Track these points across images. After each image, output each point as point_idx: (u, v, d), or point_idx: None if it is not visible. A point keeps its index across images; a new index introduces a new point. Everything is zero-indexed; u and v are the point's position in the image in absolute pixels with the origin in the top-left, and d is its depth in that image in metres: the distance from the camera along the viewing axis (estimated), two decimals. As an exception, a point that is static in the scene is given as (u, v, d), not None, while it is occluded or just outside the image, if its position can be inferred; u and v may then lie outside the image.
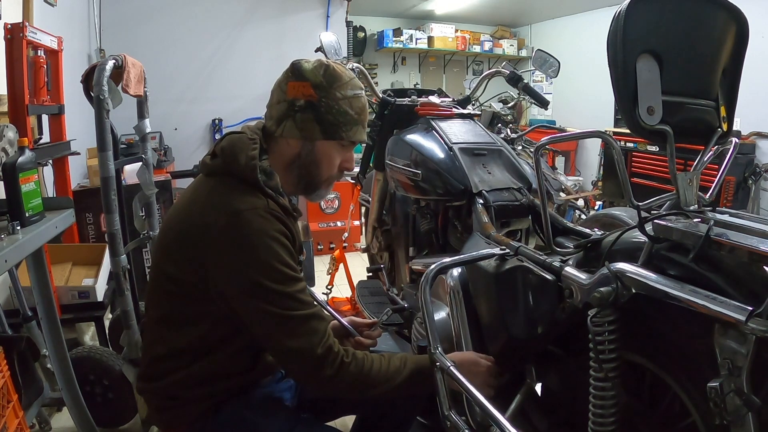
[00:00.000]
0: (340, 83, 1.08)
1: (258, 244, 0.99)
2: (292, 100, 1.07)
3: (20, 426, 1.23)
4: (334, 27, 5.08)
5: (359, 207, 2.84)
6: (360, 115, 1.12)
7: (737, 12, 0.84)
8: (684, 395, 0.78)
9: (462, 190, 1.51)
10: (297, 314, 1.00)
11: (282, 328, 1.00)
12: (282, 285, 0.99)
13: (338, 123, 1.09)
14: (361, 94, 1.12)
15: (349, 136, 1.11)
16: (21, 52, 1.93)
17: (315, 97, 1.07)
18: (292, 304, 1.00)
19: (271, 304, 0.99)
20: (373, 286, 2.24)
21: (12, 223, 1.23)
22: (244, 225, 0.99)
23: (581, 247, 0.94)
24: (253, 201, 1.02)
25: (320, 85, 1.07)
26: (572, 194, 4.14)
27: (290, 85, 1.08)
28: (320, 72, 1.08)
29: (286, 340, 1.00)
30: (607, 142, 0.86)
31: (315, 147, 1.10)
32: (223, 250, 0.99)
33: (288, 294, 1.00)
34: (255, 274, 0.98)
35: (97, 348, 1.85)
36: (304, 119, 1.07)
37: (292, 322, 1.00)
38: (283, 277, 1.00)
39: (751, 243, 0.65)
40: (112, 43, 4.17)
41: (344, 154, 1.15)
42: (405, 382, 1.07)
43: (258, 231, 0.99)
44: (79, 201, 2.59)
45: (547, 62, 2.17)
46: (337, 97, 1.08)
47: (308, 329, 1.01)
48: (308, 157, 1.11)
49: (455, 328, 1.19)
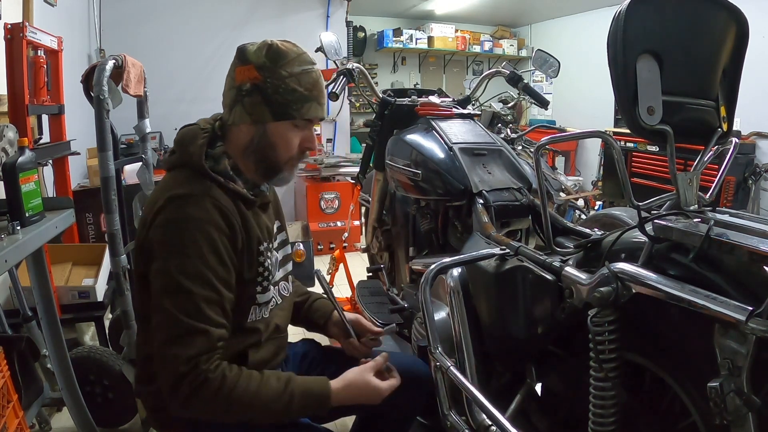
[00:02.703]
0: (285, 61, 1.03)
1: (183, 231, 0.95)
2: (239, 85, 1.04)
3: (20, 426, 1.23)
4: (334, 27, 5.08)
5: (359, 207, 2.83)
6: (312, 90, 1.06)
7: (737, 12, 0.84)
8: (684, 395, 0.78)
9: (462, 190, 1.51)
10: (186, 321, 0.92)
11: (165, 327, 0.93)
12: (188, 280, 0.93)
13: (287, 102, 1.04)
14: (310, 69, 1.06)
15: (302, 113, 1.05)
16: (21, 52, 1.93)
17: (259, 78, 1.03)
18: (187, 307, 0.92)
19: (168, 296, 0.93)
20: (373, 286, 2.23)
21: (12, 223, 1.23)
22: (174, 209, 0.97)
23: (581, 247, 0.94)
24: (194, 187, 0.99)
25: (263, 66, 1.03)
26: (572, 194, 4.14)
27: (237, 70, 1.05)
28: (263, 52, 1.03)
29: (163, 342, 0.93)
30: (607, 142, 0.87)
31: (267, 130, 1.06)
32: (155, 233, 0.97)
33: (189, 294, 0.93)
34: (168, 259, 0.94)
35: (97, 348, 1.85)
36: (252, 103, 1.04)
37: (177, 326, 0.92)
38: (195, 273, 0.94)
39: (751, 243, 0.65)
40: (112, 43, 4.17)
41: (302, 133, 1.09)
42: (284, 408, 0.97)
43: (186, 218, 0.96)
44: (79, 201, 2.59)
45: (547, 62, 2.17)
46: (283, 76, 1.03)
47: (188, 342, 0.91)
48: (262, 141, 1.07)
49: (455, 328, 1.19)
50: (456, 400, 1.07)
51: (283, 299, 1.20)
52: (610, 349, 0.78)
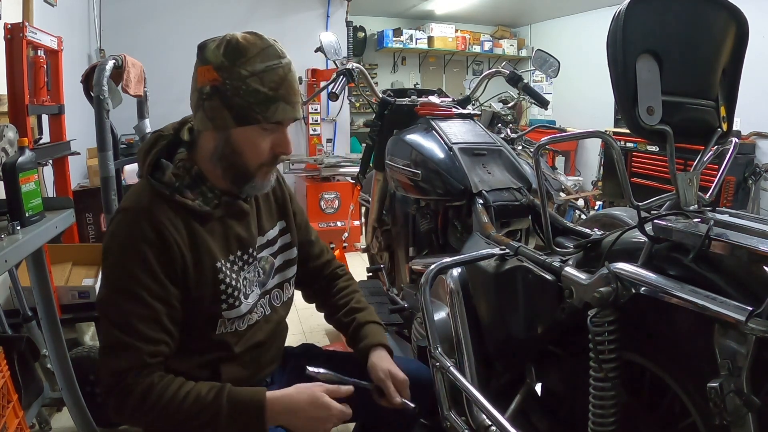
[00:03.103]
0: (245, 58, 0.93)
1: (115, 245, 0.95)
2: (200, 88, 0.96)
3: (20, 426, 1.23)
4: (334, 27, 5.08)
5: (359, 207, 2.84)
6: (277, 89, 0.95)
7: (737, 12, 0.84)
8: (684, 395, 0.78)
9: (462, 190, 1.51)
10: (116, 334, 0.91)
11: (102, 336, 0.95)
12: (120, 296, 0.92)
13: (249, 105, 0.94)
14: (275, 65, 0.95)
15: (268, 117, 0.95)
16: (21, 52, 1.93)
17: (219, 80, 0.93)
18: (118, 321, 0.91)
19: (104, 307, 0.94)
20: (373, 286, 2.23)
21: (12, 223, 1.23)
22: (114, 224, 0.97)
23: (581, 247, 0.94)
24: (135, 201, 0.97)
25: (222, 66, 0.93)
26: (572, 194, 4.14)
27: (198, 71, 0.97)
28: (221, 50, 0.94)
29: (100, 349, 0.95)
30: (607, 142, 0.87)
31: (231, 136, 0.97)
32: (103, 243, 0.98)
33: (120, 308, 0.92)
34: (105, 272, 0.96)
35: (97, 348, 1.85)
36: (212, 107, 0.95)
37: (108, 337, 0.93)
38: (125, 288, 0.92)
39: (751, 243, 0.65)
40: (112, 43, 4.17)
41: (272, 137, 1.00)
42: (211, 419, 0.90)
43: (121, 233, 0.95)
44: (79, 201, 2.59)
45: (547, 62, 2.17)
46: (243, 76, 0.93)
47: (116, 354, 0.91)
48: (226, 148, 0.98)
49: (455, 328, 1.19)
50: (456, 400, 1.07)
51: (272, 310, 1.13)
52: (609, 349, 0.78)
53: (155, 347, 0.93)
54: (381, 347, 1.14)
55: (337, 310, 1.24)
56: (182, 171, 1.00)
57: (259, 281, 1.10)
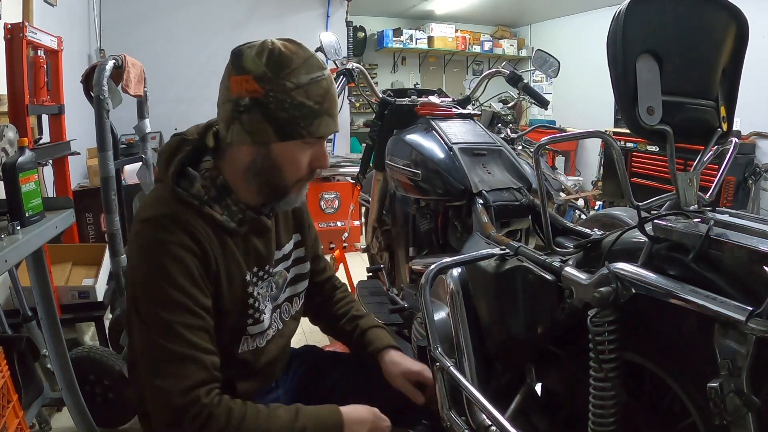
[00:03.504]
0: (290, 69, 0.88)
1: (151, 259, 0.87)
2: (236, 98, 0.90)
3: (20, 426, 1.23)
4: (334, 27, 5.08)
5: (359, 207, 2.84)
6: (322, 103, 0.91)
7: (737, 12, 0.84)
8: (684, 395, 0.78)
9: (462, 190, 1.51)
10: (170, 348, 0.85)
11: (149, 359, 0.87)
12: (164, 311, 0.86)
13: (293, 119, 0.90)
14: (320, 77, 0.91)
15: (312, 131, 0.92)
16: (21, 52, 1.93)
17: (260, 92, 0.88)
18: (167, 335, 0.85)
19: (148, 328, 0.87)
20: (373, 286, 2.23)
21: (12, 223, 1.23)
22: (144, 236, 0.89)
23: (581, 247, 0.94)
24: (162, 209, 0.90)
25: (264, 77, 0.88)
26: (572, 194, 4.14)
27: (232, 80, 0.91)
28: (263, 59, 0.88)
29: (151, 375, 0.86)
30: (607, 142, 0.86)
31: (271, 151, 0.93)
32: (129, 260, 0.93)
33: (166, 322, 0.86)
34: (143, 292, 0.88)
35: (97, 348, 1.85)
36: (252, 121, 0.90)
37: (159, 355, 0.85)
38: (168, 300, 0.86)
39: (751, 243, 0.65)
40: (112, 43, 4.17)
41: (312, 151, 0.97)
42: None
43: (154, 243, 0.88)
44: (79, 201, 2.59)
45: (547, 62, 2.17)
46: (288, 88, 0.88)
47: (175, 371, 0.85)
48: (265, 163, 0.94)
49: (455, 328, 1.19)
50: (456, 400, 1.07)
51: (284, 324, 1.12)
52: (609, 349, 0.78)
53: (213, 358, 0.89)
54: (391, 349, 1.17)
55: (338, 320, 1.24)
56: (209, 181, 0.95)
57: (270, 296, 1.08)
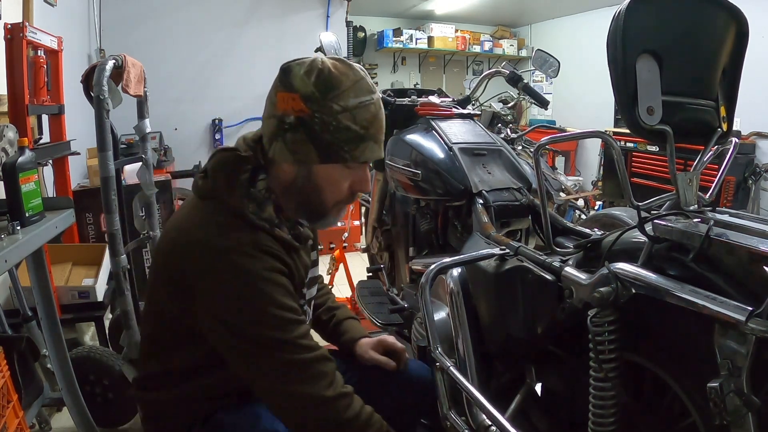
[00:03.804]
0: (338, 91, 0.88)
1: (249, 288, 0.87)
2: (281, 115, 0.90)
3: (20, 426, 1.23)
4: (334, 27, 5.08)
5: (359, 207, 2.84)
6: (368, 128, 0.90)
7: (737, 12, 0.84)
8: (684, 395, 0.78)
9: (462, 190, 1.51)
10: (300, 358, 0.89)
11: (284, 374, 0.89)
12: (281, 332, 0.88)
13: (338, 142, 0.89)
14: (368, 101, 0.90)
15: (355, 156, 0.91)
16: (21, 52, 1.93)
17: (307, 112, 0.87)
18: (294, 350, 0.89)
19: (269, 353, 0.88)
20: (373, 286, 2.23)
21: (12, 223, 1.23)
22: (230, 268, 0.87)
23: (581, 247, 0.94)
24: (240, 237, 0.89)
25: (311, 97, 0.87)
26: (572, 194, 4.14)
27: (279, 96, 0.90)
28: (311, 79, 0.88)
29: (289, 386, 0.89)
30: (607, 142, 0.87)
31: (312, 172, 0.93)
32: (212, 293, 0.88)
33: (288, 340, 0.89)
34: (246, 321, 0.87)
35: (97, 348, 1.85)
36: (295, 140, 0.89)
37: (297, 368, 0.89)
38: (281, 322, 0.88)
39: (751, 243, 0.65)
40: (112, 43, 4.17)
41: (353, 175, 0.96)
42: None
43: (247, 273, 0.87)
44: (79, 201, 2.59)
45: (547, 62, 2.17)
46: (335, 111, 0.88)
47: (316, 373, 0.90)
48: (306, 184, 0.94)
49: (455, 328, 1.19)
50: (456, 400, 1.07)
51: None
52: (609, 349, 0.78)
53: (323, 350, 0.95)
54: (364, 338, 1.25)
55: (316, 308, 1.29)
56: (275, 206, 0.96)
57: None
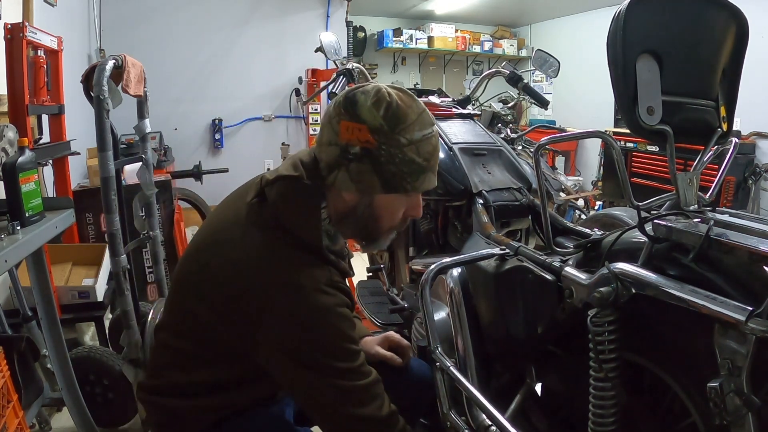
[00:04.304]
0: (405, 125, 0.90)
1: (323, 324, 0.91)
2: (345, 144, 0.91)
3: (20, 426, 1.23)
4: (334, 27, 5.08)
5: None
6: (429, 160, 0.94)
7: (737, 12, 0.84)
8: (684, 395, 0.78)
9: (462, 190, 1.51)
10: (362, 384, 0.96)
11: (347, 399, 0.95)
12: (347, 362, 0.94)
13: (402, 174, 0.92)
14: (430, 134, 0.94)
15: (416, 187, 0.94)
16: (21, 52, 1.93)
17: (373, 143, 0.89)
18: (356, 377, 0.95)
19: (335, 380, 0.93)
20: (373, 286, 2.23)
21: (12, 223, 1.23)
22: (307, 304, 0.90)
23: (581, 247, 0.94)
24: (316, 273, 0.93)
25: (380, 130, 0.89)
26: (572, 194, 4.14)
27: (343, 125, 0.91)
28: (380, 112, 0.89)
29: (351, 409, 0.95)
30: (607, 142, 0.86)
31: (374, 201, 0.96)
32: (283, 326, 0.90)
33: (353, 369, 0.95)
34: (318, 354, 0.92)
35: (97, 348, 1.85)
36: (360, 171, 0.91)
37: (358, 393, 0.95)
38: (348, 353, 0.95)
39: (751, 243, 0.65)
40: (112, 43, 4.17)
41: (408, 202, 1.00)
42: None
43: (323, 310, 0.91)
44: (79, 201, 2.59)
45: (547, 62, 2.17)
46: (401, 144, 0.90)
47: (373, 395, 0.97)
48: (366, 212, 0.97)
49: (455, 328, 1.19)
50: (456, 400, 1.07)
51: None
52: (609, 349, 0.78)
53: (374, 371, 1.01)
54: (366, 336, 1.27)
55: None
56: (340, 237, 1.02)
57: None
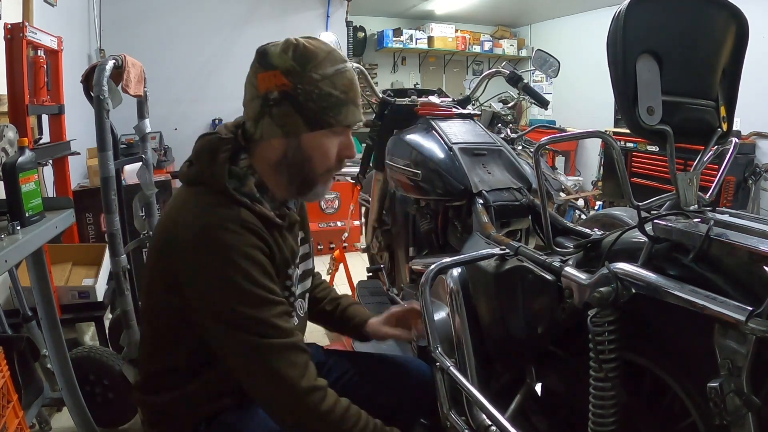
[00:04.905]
0: (316, 62, 0.93)
1: (227, 263, 0.89)
2: (264, 94, 0.94)
3: (20, 426, 1.23)
4: (334, 27, 5.09)
5: (359, 207, 2.84)
6: (348, 92, 0.96)
7: (737, 12, 0.84)
8: (684, 395, 0.78)
9: (462, 190, 1.51)
10: (273, 343, 0.90)
11: (256, 358, 0.90)
12: (255, 309, 0.90)
13: (322, 109, 0.94)
14: (344, 68, 0.96)
15: (340, 120, 0.96)
16: (21, 52, 1.93)
17: (289, 85, 0.92)
18: (266, 331, 0.90)
19: (243, 331, 0.89)
20: (373, 286, 2.24)
21: (12, 223, 1.23)
22: (211, 242, 0.89)
23: (581, 247, 0.94)
24: (223, 213, 0.92)
25: (292, 70, 0.93)
26: (572, 194, 4.14)
27: (259, 77, 0.95)
28: (289, 54, 0.93)
29: (261, 371, 0.91)
30: (607, 142, 0.86)
31: (301, 142, 0.97)
32: (193, 270, 0.91)
33: (261, 320, 0.90)
34: (224, 297, 0.89)
35: (97, 348, 1.85)
36: (282, 114, 0.94)
37: (267, 351, 0.90)
38: (257, 300, 0.90)
39: (751, 243, 0.65)
40: (112, 43, 4.18)
41: (340, 140, 1.00)
42: None
43: (226, 247, 0.89)
44: (79, 201, 2.59)
45: (547, 62, 2.17)
46: (315, 80, 0.93)
47: (286, 361, 0.90)
48: (296, 155, 0.98)
49: (455, 328, 1.19)
50: (456, 400, 1.07)
51: (299, 320, 1.14)
52: (609, 349, 0.78)
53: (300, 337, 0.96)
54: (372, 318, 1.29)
55: (318, 302, 1.31)
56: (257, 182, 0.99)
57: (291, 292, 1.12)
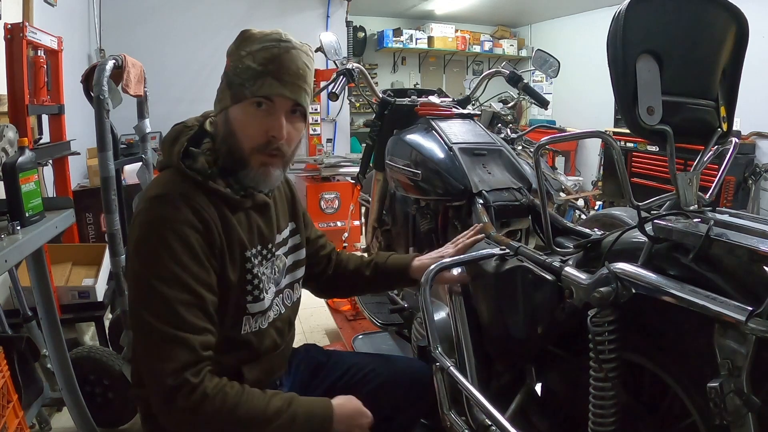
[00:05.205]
0: (250, 42, 0.98)
1: (155, 232, 0.89)
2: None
3: (20, 426, 1.23)
4: (334, 27, 5.09)
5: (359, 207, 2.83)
6: (267, 65, 0.96)
7: (737, 12, 0.84)
8: (684, 395, 0.78)
9: (462, 190, 1.51)
10: (162, 329, 0.86)
11: (144, 338, 0.88)
12: (165, 285, 0.87)
13: (242, 81, 0.96)
14: (271, 46, 0.97)
15: (254, 91, 0.95)
16: (21, 52, 1.93)
17: (228, 65, 1.00)
18: (163, 314, 0.86)
19: (144, 304, 0.88)
20: (373, 286, 2.23)
21: (12, 223, 1.23)
22: (148, 210, 0.92)
23: (581, 247, 0.94)
24: (168, 187, 0.94)
25: (231, 52, 1.00)
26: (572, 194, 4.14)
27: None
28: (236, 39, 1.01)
29: (144, 355, 0.88)
30: (607, 142, 0.86)
31: (228, 116, 0.99)
32: (131, 235, 0.93)
33: (166, 299, 0.87)
34: (141, 263, 0.89)
35: (97, 348, 1.85)
36: (219, 90, 1.02)
37: (154, 334, 0.86)
38: (167, 274, 0.87)
39: (751, 243, 0.65)
40: (112, 43, 4.18)
41: (264, 119, 0.97)
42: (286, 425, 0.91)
43: (160, 220, 0.90)
44: (79, 201, 2.59)
45: (547, 62, 2.17)
46: (241, 56, 0.97)
47: (165, 353, 0.85)
48: (225, 129, 0.99)
49: (455, 328, 1.19)
50: (456, 400, 1.07)
51: (286, 309, 1.14)
52: (610, 349, 0.78)
53: (204, 338, 0.90)
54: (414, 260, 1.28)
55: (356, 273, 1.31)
56: (211, 159, 1.00)
57: (274, 279, 1.10)
